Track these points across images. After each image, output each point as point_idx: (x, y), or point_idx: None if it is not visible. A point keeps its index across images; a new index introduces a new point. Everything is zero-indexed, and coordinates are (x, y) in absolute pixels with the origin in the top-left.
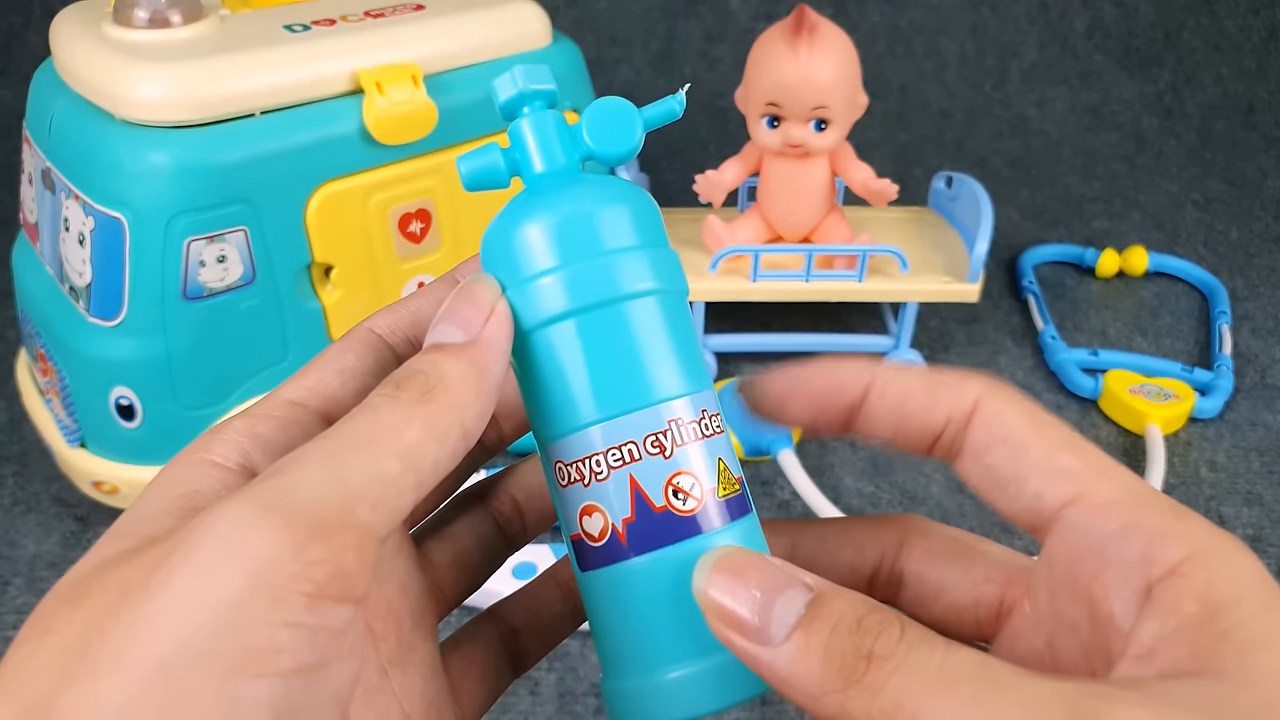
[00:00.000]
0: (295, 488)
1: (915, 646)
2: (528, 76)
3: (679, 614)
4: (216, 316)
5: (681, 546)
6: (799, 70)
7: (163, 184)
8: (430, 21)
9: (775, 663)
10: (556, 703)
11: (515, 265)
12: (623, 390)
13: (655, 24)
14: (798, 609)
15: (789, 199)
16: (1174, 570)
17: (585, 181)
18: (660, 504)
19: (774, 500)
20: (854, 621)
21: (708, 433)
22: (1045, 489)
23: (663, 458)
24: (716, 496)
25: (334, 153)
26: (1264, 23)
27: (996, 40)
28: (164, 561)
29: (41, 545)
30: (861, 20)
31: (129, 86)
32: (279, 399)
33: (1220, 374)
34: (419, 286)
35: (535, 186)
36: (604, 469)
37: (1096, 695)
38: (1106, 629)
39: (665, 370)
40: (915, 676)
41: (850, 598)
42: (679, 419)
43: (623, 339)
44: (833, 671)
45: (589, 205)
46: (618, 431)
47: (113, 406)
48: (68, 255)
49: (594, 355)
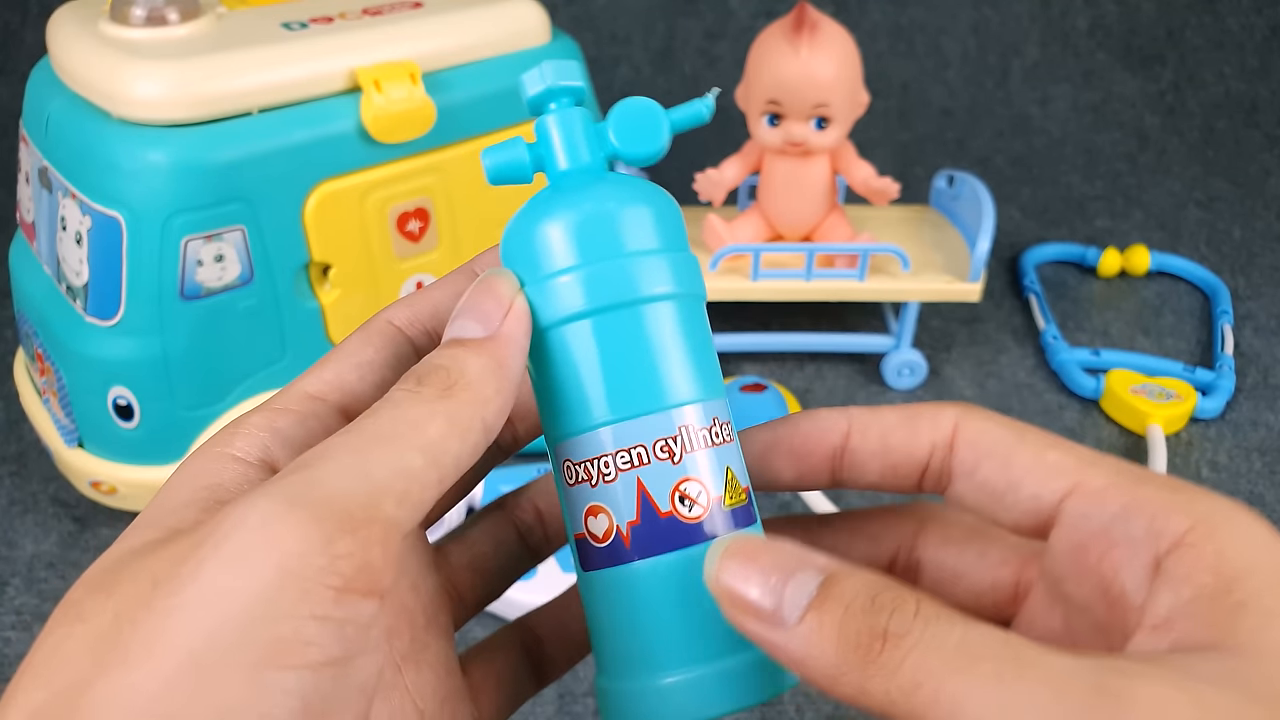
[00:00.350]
0: (321, 481)
1: (932, 623)
2: (556, 72)
3: (678, 619)
4: (214, 316)
5: (685, 553)
6: (800, 68)
7: (160, 183)
8: (428, 19)
9: (790, 645)
10: (556, 704)
11: (535, 261)
12: (635, 393)
13: (655, 22)
14: (810, 590)
15: (790, 197)
16: (1180, 541)
17: (609, 180)
18: (666, 509)
19: (775, 500)
20: (868, 600)
21: (718, 441)
22: (1040, 488)
23: (671, 463)
24: (723, 505)
25: (332, 151)
26: (1266, 21)
27: (998, 38)
28: (193, 553)
29: (40, 545)
30: (862, 18)
31: (126, 85)
32: (298, 392)
33: (1222, 374)
34: (417, 286)
35: (559, 183)
36: (612, 471)
37: (1119, 670)
38: (1120, 606)
39: (679, 375)
40: (934, 654)
41: (863, 576)
42: (689, 425)
43: (638, 342)
44: (848, 651)
45: (611, 205)
46: (628, 434)
47: (110, 406)
48: (65, 255)
49: (608, 356)
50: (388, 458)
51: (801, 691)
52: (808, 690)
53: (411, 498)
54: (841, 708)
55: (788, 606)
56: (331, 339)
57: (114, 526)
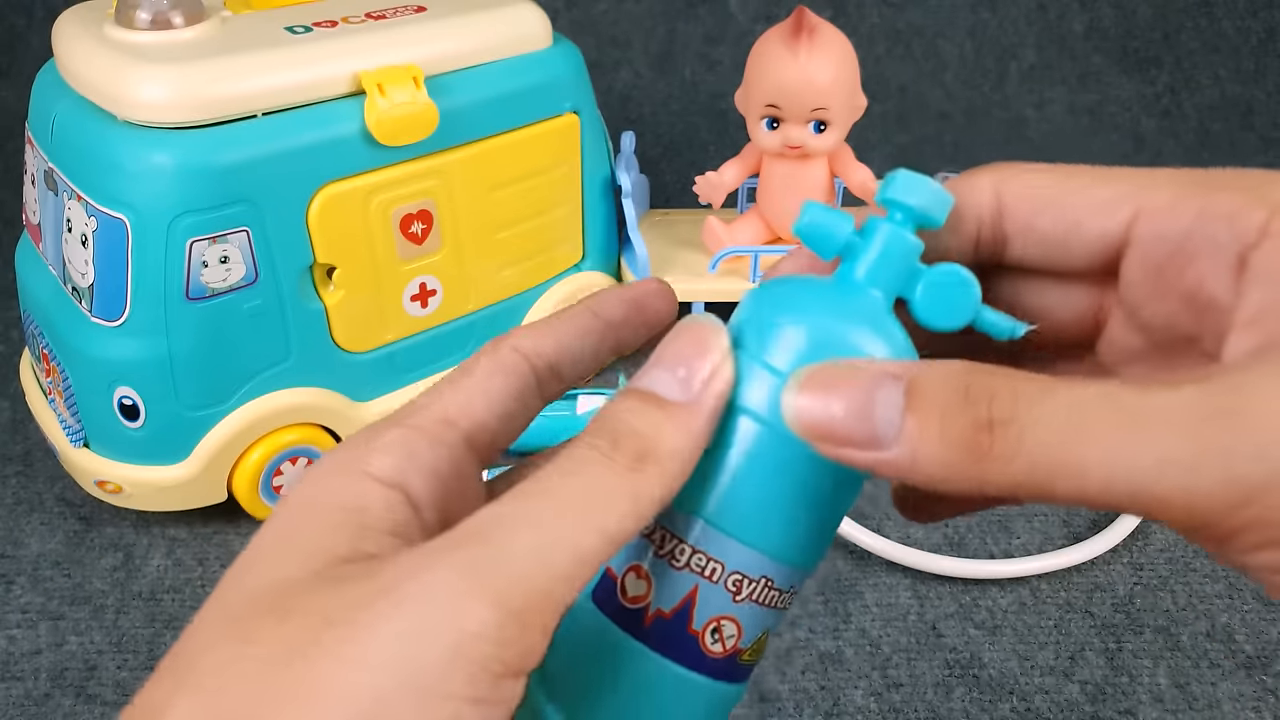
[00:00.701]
0: (505, 560)
1: (1034, 402)
2: (907, 187)
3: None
4: (219, 317)
5: (685, 671)
6: (798, 72)
7: (165, 185)
8: (431, 23)
9: (898, 462)
10: None
11: (764, 339)
12: (752, 520)
13: (655, 26)
14: (898, 403)
15: (788, 200)
16: (1263, 232)
17: (884, 322)
18: (697, 628)
19: None
20: (960, 395)
21: (778, 605)
22: (1104, 223)
23: (732, 599)
24: (739, 658)
25: (335, 154)
26: (1262, 24)
27: (995, 42)
28: (371, 603)
29: (45, 544)
30: (860, 22)
31: (131, 88)
32: (433, 415)
33: None
34: (420, 288)
35: (843, 286)
36: (682, 561)
37: (1227, 389)
38: (1209, 312)
39: (798, 534)
40: (1046, 432)
41: (945, 370)
42: (771, 580)
43: (789, 479)
44: (958, 452)
45: (874, 350)
46: (717, 545)
47: (116, 406)
48: (70, 256)
49: (754, 470)
50: (571, 538)
51: (801, 690)
52: (807, 688)
53: (581, 582)
54: (840, 706)
55: (881, 427)
56: (335, 339)
57: (119, 525)
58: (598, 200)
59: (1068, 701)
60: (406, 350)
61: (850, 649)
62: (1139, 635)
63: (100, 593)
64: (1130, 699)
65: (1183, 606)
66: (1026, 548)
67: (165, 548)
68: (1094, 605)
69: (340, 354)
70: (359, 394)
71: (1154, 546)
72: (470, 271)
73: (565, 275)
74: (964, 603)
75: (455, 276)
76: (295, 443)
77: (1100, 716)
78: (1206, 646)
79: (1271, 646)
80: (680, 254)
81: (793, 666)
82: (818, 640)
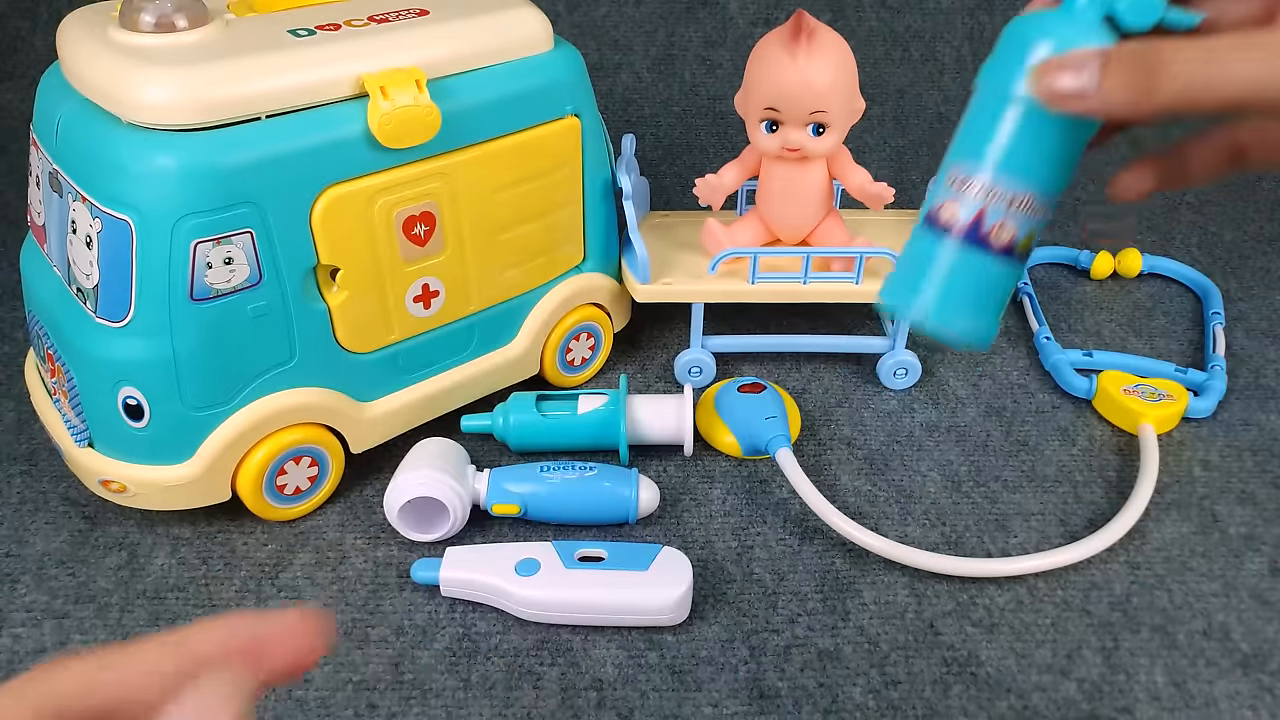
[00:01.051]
0: None
1: (1184, 48)
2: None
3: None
4: (223, 317)
5: (987, 258)
6: (797, 75)
7: (169, 187)
8: (434, 27)
9: (1101, 98)
10: (559, 696)
11: (1022, 53)
12: (1020, 161)
13: (655, 29)
14: (1095, 68)
15: (787, 202)
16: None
17: (1094, 29)
18: (986, 230)
19: (771, 499)
20: (1132, 54)
21: (1038, 215)
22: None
23: (1007, 208)
24: (1016, 249)
25: (339, 156)
26: None
27: (992, 44)
28: None
29: (50, 543)
30: (859, 25)
31: (136, 90)
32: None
33: (1214, 374)
34: (423, 289)
35: (1068, 9)
36: (976, 189)
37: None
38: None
39: (1050, 170)
40: (1192, 64)
41: (1124, 45)
42: (1033, 198)
43: (1042, 134)
44: (1136, 90)
45: (1079, 42)
46: (1000, 180)
47: (120, 406)
48: (75, 257)
49: (1022, 130)
50: None
51: (800, 687)
52: (805, 685)
53: None
54: (838, 703)
55: (1087, 80)
56: (338, 340)
57: (123, 524)
58: (598, 202)
59: (1065, 699)
60: (409, 351)
61: (849, 647)
62: (1136, 634)
63: (104, 591)
64: (1127, 697)
65: (1179, 605)
66: (1024, 546)
67: (169, 547)
68: (1091, 604)
69: (343, 354)
70: (362, 394)
71: (1151, 546)
72: (472, 273)
73: (566, 277)
74: (962, 601)
75: (457, 278)
76: (299, 442)
77: (1097, 714)
78: (1203, 645)
79: (1268, 645)
80: (680, 255)
81: (791, 664)
82: (816, 638)
